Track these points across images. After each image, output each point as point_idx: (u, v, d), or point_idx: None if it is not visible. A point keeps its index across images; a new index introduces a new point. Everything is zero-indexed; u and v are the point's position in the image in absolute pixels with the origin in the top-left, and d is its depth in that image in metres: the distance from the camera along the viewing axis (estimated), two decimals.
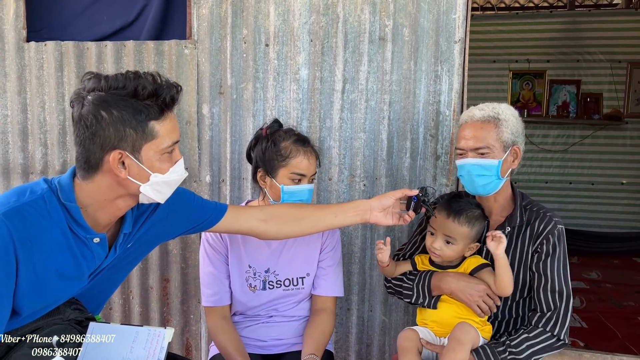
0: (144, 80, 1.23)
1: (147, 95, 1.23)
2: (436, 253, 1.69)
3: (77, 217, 1.27)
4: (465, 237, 1.66)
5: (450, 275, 1.69)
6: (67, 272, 1.30)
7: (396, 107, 2.14)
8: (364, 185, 2.20)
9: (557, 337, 1.61)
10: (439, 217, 1.66)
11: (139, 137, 1.24)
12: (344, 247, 2.21)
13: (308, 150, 1.78)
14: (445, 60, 2.08)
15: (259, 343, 1.87)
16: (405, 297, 1.79)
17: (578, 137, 5.17)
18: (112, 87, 1.22)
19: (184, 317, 2.44)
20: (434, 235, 1.69)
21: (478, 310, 1.65)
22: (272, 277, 1.85)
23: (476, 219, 1.67)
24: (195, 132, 2.31)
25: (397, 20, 2.10)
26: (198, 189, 2.33)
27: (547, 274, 1.64)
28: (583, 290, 4.01)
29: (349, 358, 2.32)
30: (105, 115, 1.21)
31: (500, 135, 1.65)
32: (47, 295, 1.29)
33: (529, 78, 5.24)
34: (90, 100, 1.21)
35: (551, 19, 5.24)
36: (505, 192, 1.75)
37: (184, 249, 2.39)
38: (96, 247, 1.34)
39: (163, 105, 1.25)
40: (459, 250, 1.68)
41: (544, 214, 1.70)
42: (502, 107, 1.70)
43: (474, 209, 1.68)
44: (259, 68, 2.23)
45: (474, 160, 1.66)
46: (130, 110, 1.22)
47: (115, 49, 2.33)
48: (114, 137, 1.22)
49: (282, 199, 1.77)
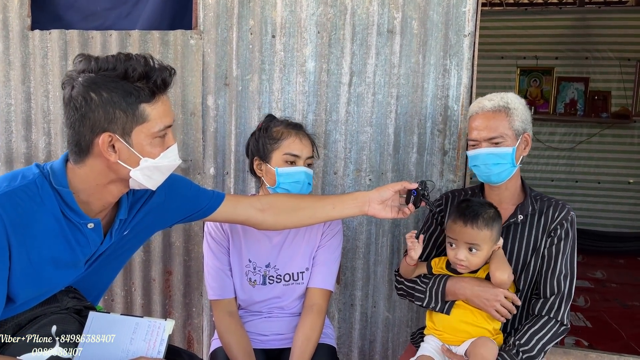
0: (134, 62, 1.21)
1: (138, 77, 1.21)
2: (462, 264, 1.63)
3: (70, 202, 1.26)
4: (487, 240, 1.60)
5: (466, 281, 1.65)
6: (62, 258, 1.28)
7: (404, 101, 2.11)
8: (369, 180, 2.17)
9: (561, 322, 1.63)
10: (457, 226, 1.61)
11: (129, 120, 1.22)
12: (348, 242, 2.19)
13: (300, 132, 1.79)
14: (455, 54, 2.04)
15: (260, 337, 1.86)
16: (417, 301, 1.75)
17: (585, 136, 5.12)
18: (102, 68, 1.20)
19: (186, 310, 2.43)
20: (455, 246, 1.63)
21: (497, 315, 1.61)
22: (272, 271, 1.84)
23: (493, 219, 1.61)
24: (200, 124, 2.29)
25: (406, 13, 2.07)
26: (202, 181, 2.31)
27: (557, 257, 1.66)
28: (588, 289, 3.98)
29: (352, 354, 2.30)
30: (95, 96, 1.19)
31: (512, 124, 1.68)
32: (42, 283, 1.27)
33: (537, 75, 5.19)
34: (80, 82, 1.20)
35: (560, 15, 5.18)
36: (516, 181, 1.77)
37: (187, 242, 2.38)
38: (90, 233, 1.32)
39: (154, 87, 1.23)
40: (484, 255, 1.62)
41: (556, 202, 1.73)
42: (509, 96, 1.72)
43: (488, 209, 1.63)
44: (265, 59, 2.20)
45: (489, 150, 1.67)
46: (120, 92, 1.20)
47: (120, 39, 2.31)
48: (103, 119, 1.20)
49: (277, 182, 1.75)
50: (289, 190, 1.76)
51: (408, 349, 1.92)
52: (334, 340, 1.96)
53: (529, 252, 1.71)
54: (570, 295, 1.66)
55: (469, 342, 1.63)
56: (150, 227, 1.53)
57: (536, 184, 5.08)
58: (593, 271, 4.45)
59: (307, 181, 1.78)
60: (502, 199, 1.76)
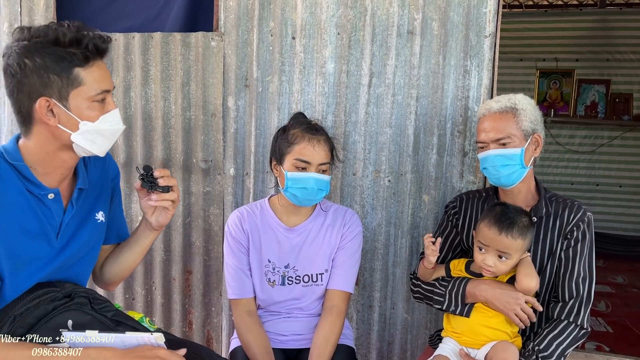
0: (65, 29, 1.26)
1: (69, 43, 1.26)
2: (490, 270, 1.61)
3: (28, 175, 1.32)
4: (519, 249, 1.58)
5: (487, 283, 1.64)
6: (31, 228, 1.33)
7: (423, 102, 2.11)
8: (388, 182, 2.18)
9: (581, 325, 1.60)
10: (490, 232, 1.58)
11: (64, 84, 1.26)
12: (367, 243, 2.19)
13: (315, 138, 1.73)
14: (475, 55, 2.04)
15: (280, 337, 1.86)
16: (435, 304, 1.74)
17: (606, 138, 5.07)
18: (34, 35, 1.26)
19: (206, 309, 2.45)
20: (485, 251, 1.61)
21: (516, 319, 1.59)
22: (291, 272, 1.84)
23: (527, 229, 1.58)
24: (221, 125, 2.31)
25: (427, 14, 2.07)
26: (222, 181, 2.33)
27: (575, 260, 1.64)
28: (609, 294, 3.93)
29: (370, 355, 2.29)
30: (29, 62, 1.24)
31: (520, 125, 1.66)
32: (18, 253, 1.31)
33: (557, 77, 5.15)
34: (14, 49, 1.25)
35: (581, 16, 5.13)
36: (529, 183, 1.74)
37: (207, 241, 2.40)
38: (52, 203, 1.36)
39: (87, 52, 1.28)
40: (512, 264, 1.61)
41: (572, 203, 1.70)
42: (518, 97, 1.71)
43: (523, 217, 1.59)
44: (285, 61, 2.22)
45: (496, 151, 1.66)
46: (53, 57, 1.25)
47: (142, 41, 2.34)
48: (38, 84, 1.25)
49: (285, 186, 1.74)
50: (297, 195, 1.74)
51: (426, 351, 1.91)
52: (352, 341, 1.95)
53: (545, 255, 1.69)
54: (590, 299, 1.63)
55: (488, 347, 1.61)
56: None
57: (555, 187, 5.03)
58: (614, 276, 4.40)
59: (316, 187, 1.73)
60: (516, 202, 1.74)
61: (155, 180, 1.45)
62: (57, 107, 1.27)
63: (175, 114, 2.34)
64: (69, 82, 1.27)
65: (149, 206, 1.51)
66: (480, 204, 1.83)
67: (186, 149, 2.36)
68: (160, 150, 2.37)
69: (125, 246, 1.62)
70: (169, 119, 2.36)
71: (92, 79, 1.29)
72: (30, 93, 1.26)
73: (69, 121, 1.29)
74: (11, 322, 1.29)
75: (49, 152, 1.33)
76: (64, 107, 1.28)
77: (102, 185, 1.54)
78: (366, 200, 2.21)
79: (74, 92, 1.28)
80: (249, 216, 1.86)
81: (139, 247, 1.60)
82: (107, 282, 1.64)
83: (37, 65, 1.24)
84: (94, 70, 1.30)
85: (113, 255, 1.63)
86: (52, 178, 1.37)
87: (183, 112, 2.34)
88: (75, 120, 1.29)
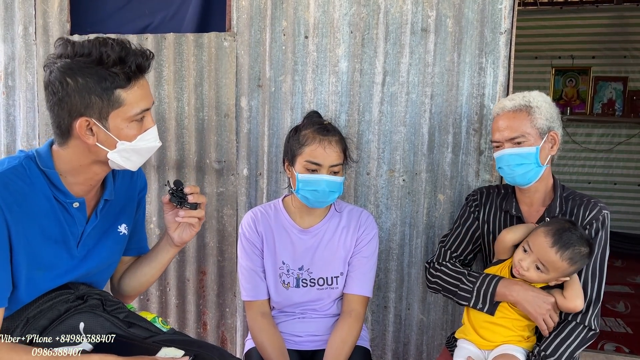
0: (109, 48, 1.23)
1: (113, 63, 1.23)
2: (520, 271, 1.59)
3: (57, 183, 1.31)
4: (560, 271, 1.55)
5: (520, 284, 1.61)
6: (53, 234, 1.32)
7: (438, 100, 2.08)
8: (403, 181, 2.15)
9: (589, 326, 1.58)
10: (543, 240, 1.54)
11: (105, 105, 1.25)
12: (382, 244, 2.17)
13: (326, 139, 1.70)
14: (490, 52, 2.01)
15: (295, 338, 1.85)
16: (459, 299, 1.70)
17: (624, 137, 4.99)
18: (78, 53, 1.24)
19: (220, 310, 2.44)
20: (527, 253, 1.59)
21: (543, 325, 1.57)
22: (305, 275, 1.82)
23: (581, 258, 1.54)
24: (234, 125, 2.30)
25: (441, 11, 2.05)
26: (235, 182, 2.33)
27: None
28: (628, 295, 3.86)
29: (386, 356, 2.27)
30: (71, 82, 1.23)
31: (534, 123, 1.63)
32: (40, 260, 1.30)
33: (573, 75, 5.08)
34: (57, 66, 1.24)
35: (597, 13, 5.06)
36: (546, 182, 1.71)
37: (221, 242, 2.39)
38: (76, 212, 1.36)
39: (129, 72, 1.25)
40: (545, 279, 1.58)
41: (587, 201, 1.67)
42: (532, 94, 1.68)
43: (584, 245, 1.54)
44: (298, 60, 2.21)
45: (511, 150, 1.64)
46: (95, 77, 1.23)
47: (155, 42, 2.34)
48: (80, 104, 1.24)
49: (297, 187, 1.73)
50: (307, 197, 1.72)
51: (443, 353, 1.89)
52: (367, 342, 1.94)
53: None
54: (599, 298, 1.60)
55: (495, 353, 1.61)
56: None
57: (572, 186, 4.92)
58: (633, 276, 4.33)
59: (328, 189, 1.70)
60: (533, 201, 1.72)
61: (185, 196, 1.44)
62: (97, 127, 1.26)
63: (188, 115, 2.34)
64: (109, 104, 1.25)
65: (173, 221, 1.50)
66: (499, 202, 1.80)
67: (199, 150, 2.35)
68: (174, 151, 2.37)
69: (145, 260, 1.62)
70: (182, 119, 2.36)
71: (133, 99, 1.28)
72: (71, 111, 1.25)
73: (107, 140, 1.29)
74: (24, 325, 1.29)
75: (82, 165, 1.33)
76: (103, 127, 1.27)
77: (128, 198, 1.54)
78: (380, 200, 2.19)
79: (113, 112, 1.26)
80: (263, 217, 1.85)
81: (157, 262, 1.59)
82: (124, 294, 1.64)
83: (80, 85, 1.22)
84: (135, 91, 1.28)
85: (132, 269, 1.62)
86: (80, 188, 1.36)
87: (196, 112, 2.34)
88: (113, 140, 1.29)
